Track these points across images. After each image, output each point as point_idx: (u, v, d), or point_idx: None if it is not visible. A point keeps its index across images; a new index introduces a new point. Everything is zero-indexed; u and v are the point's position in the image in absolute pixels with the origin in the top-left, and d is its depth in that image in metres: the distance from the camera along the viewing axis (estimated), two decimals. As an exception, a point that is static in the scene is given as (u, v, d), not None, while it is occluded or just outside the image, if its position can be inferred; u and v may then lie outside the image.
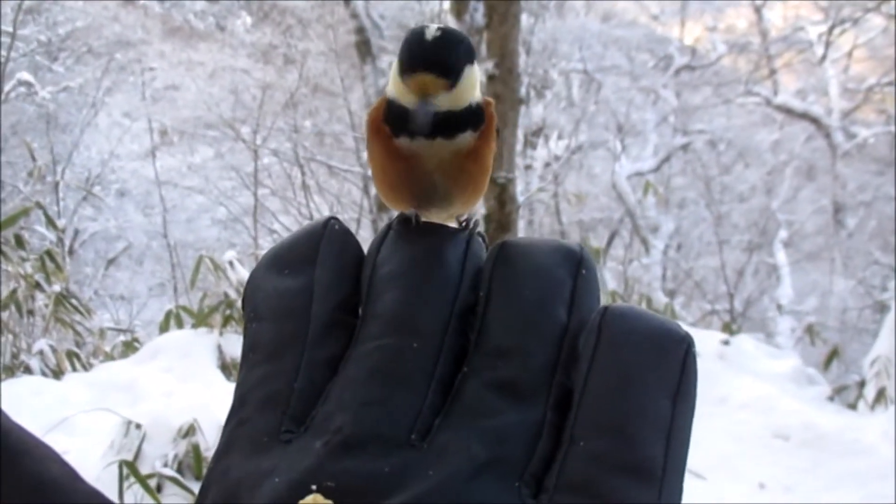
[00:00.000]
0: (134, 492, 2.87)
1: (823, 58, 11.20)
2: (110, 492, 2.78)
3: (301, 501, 0.30)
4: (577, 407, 0.33)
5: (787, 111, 11.09)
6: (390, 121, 0.42)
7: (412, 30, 0.42)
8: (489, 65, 5.77)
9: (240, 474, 0.33)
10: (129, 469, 2.80)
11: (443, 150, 0.42)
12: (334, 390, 0.34)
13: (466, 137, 0.42)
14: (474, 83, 0.43)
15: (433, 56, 0.41)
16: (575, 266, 0.36)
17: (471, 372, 0.34)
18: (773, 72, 11.34)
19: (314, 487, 0.31)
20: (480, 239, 0.40)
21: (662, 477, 0.32)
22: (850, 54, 11.49)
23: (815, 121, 10.94)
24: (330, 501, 0.30)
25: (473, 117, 0.42)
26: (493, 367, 0.34)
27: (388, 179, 0.43)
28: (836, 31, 11.09)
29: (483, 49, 6.09)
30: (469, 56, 0.42)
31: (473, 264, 0.37)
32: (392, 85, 0.43)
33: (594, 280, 0.37)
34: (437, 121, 0.41)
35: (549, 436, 0.33)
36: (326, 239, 0.38)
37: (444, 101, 0.41)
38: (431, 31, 0.42)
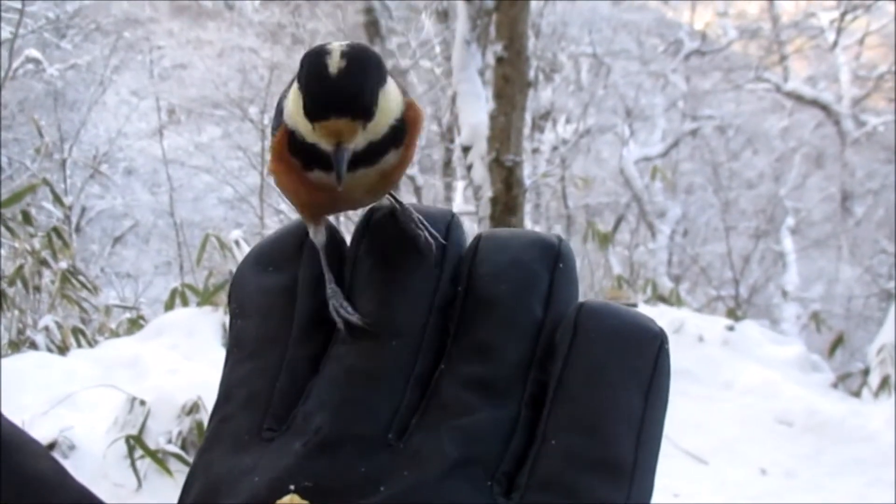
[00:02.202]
0: (137, 466, 2.89)
1: (835, 44, 11.12)
2: (117, 466, 2.80)
3: (279, 501, 0.31)
4: (551, 404, 0.33)
5: (797, 98, 11.04)
6: (299, 155, 0.37)
7: (310, 58, 0.36)
8: (498, 47, 5.74)
9: (221, 470, 0.33)
10: (137, 444, 2.82)
11: (365, 178, 0.38)
12: (314, 390, 0.35)
13: (390, 159, 0.38)
14: (391, 102, 0.37)
15: (344, 95, 0.35)
16: (552, 260, 0.36)
17: (447, 369, 0.34)
18: (783, 58, 11.27)
19: (292, 487, 0.31)
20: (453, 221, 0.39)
21: (632, 474, 0.32)
22: (862, 41, 11.41)
23: (824, 108, 10.89)
24: (307, 502, 0.31)
25: (396, 135, 0.38)
26: (469, 364, 0.34)
27: (305, 207, 0.39)
28: (849, 17, 11.01)
29: (492, 31, 6.06)
30: (382, 75, 0.36)
31: (453, 256, 0.37)
32: (295, 116, 0.37)
33: (572, 273, 0.37)
34: (357, 157, 0.36)
35: (523, 433, 0.33)
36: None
37: (363, 139, 0.36)
38: (334, 59, 0.35)
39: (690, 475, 3.67)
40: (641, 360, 0.34)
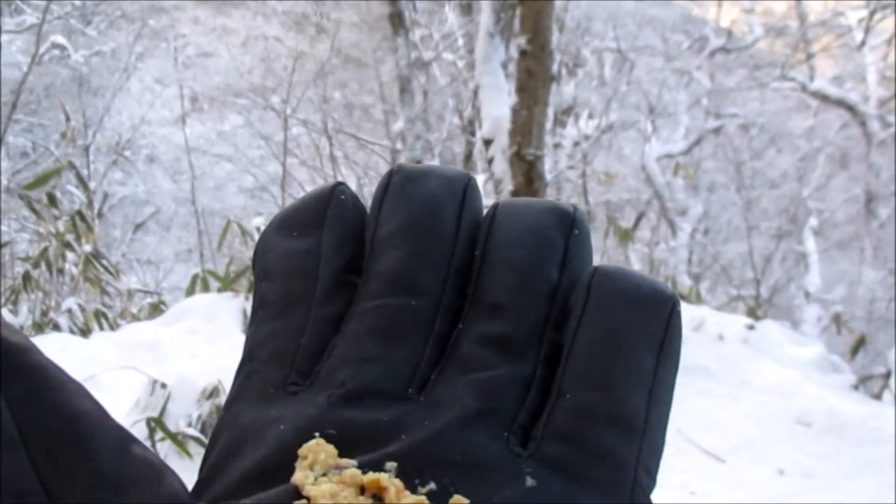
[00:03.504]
0: (157, 449, 2.92)
1: (862, 44, 11.01)
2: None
3: (305, 445, 0.32)
4: (566, 361, 0.34)
5: (823, 97, 10.95)
6: None
7: None
8: (522, 41, 5.73)
9: (247, 421, 0.34)
10: (157, 426, 2.85)
11: None
12: (338, 346, 0.36)
13: None
14: None
15: None
16: (568, 227, 0.37)
17: (466, 328, 0.35)
18: (809, 56, 11.17)
19: (317, 434, 0.32)
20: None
21: (644, 429, 0.33)
22: (890, 41, 11.28)
23: (850, 108, 10.79)
24: (331, 446, 0.32)
25: None
26: (486, 323, 0.35)
27: None
28: (877, 16, 10.89)
29: (516, 24, 6.05)
30: None
31: (470, 220, 0.38)
32: None
33: (586, 240, 0.38)
34: None
35: (538, 389, 0.34)
36: (334, 202, 0.39)
37: None
38: None
39: (707, 473, 3.66)
40: (654, 321, 0.34)
